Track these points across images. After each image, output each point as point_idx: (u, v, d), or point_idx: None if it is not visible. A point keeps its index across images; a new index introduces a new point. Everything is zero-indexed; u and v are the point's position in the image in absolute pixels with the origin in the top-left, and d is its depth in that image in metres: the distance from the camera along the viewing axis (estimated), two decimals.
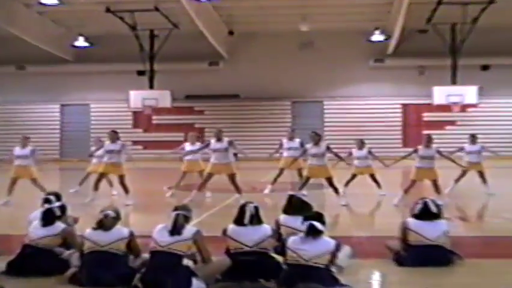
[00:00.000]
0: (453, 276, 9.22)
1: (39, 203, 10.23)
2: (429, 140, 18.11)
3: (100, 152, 19.65)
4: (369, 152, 19.77)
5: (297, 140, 20.88)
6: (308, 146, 18.23)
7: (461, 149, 20.17)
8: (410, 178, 17.91)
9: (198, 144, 20.55)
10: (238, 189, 18.11)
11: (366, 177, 19.58)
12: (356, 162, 19.61)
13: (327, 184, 17.90)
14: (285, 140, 21.06)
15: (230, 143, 18.63)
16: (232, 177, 18.29)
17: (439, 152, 17.88)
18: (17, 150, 18.83)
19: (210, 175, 18.36)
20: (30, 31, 37.10)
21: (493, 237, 13.09)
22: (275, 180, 20.54)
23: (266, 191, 20.02)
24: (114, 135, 18.92)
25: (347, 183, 19.12)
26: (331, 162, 18.29)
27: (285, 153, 20.71)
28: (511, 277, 9.20)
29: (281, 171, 20.71)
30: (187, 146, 20.57)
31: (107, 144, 18.78)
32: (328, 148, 18.09)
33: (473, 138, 20.54)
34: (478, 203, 18.64)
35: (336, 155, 18.41)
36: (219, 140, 18.47)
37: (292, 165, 20.16)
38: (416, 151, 17.92)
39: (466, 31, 35.59)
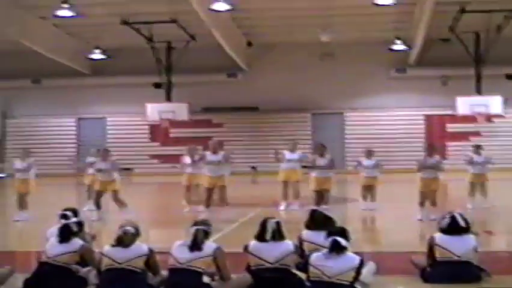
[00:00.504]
0: None
1: (55, 218, 10.24)
2: (431, 149, 18.23)
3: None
4: (377, 163, 19.77)
5: (298, 153, 20.76)
6: (313, 157, 18.35)
7: (471, 160, 19.93)
8: (419, 190, 17.80)
9: (197, 158, 20.64)
10: (223, 202, 18.21)
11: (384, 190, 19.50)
12: (364, 172, 19.57)
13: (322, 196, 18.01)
14: (286, 152, 20.77)
15: (225, 156, 18.85)
16: (221, 189, 18.46)
17: (438, 163, 17.85)
18: (17, 164, 18.91)
19: (210, 190, 18.47)
20: (45, 44, 37.30)
21: None
22: (285, 195, 20.32)
23: (281, 208, 19.80)
24: (106, 154, 18.99)
25: (364, 197, 19.11)
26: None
27: (284, 165, 20.52)
28: None
29: (285, 184, 20.45)
30: (187, 160, 20.63)
31: (98, 162, 18.82)
32: (331, 161, 18.24)
33: (477, 149, 20.35)
34: (505, 216, 18.51)
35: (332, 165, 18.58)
36: (214, 152, 18.58)
37: (294, 176, 20.21)
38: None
39: (490, 39, 35.50)
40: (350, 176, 18.49)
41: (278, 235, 9.10)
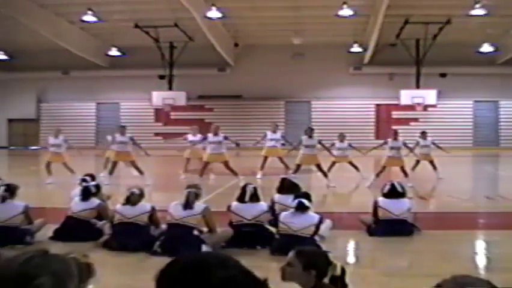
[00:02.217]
0: (413, 244, 9.29)
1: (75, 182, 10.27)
2: (396, 134, 18.33)
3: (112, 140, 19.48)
4: (349, 145, 19.74)
5: (279, 133, 20.64)
6: (303, 137, 18.26)
7: (417, 144, 19.98)
8: (381, 164, 18.04)
9: (198, 136, 20.53)
10: (234, 173, 18.14)
11: (345, 164, 19.52)
12: (336, 152, 19.50)
13: (317, 169, 17.93)
14: (269, 132, 20.64)
15: (225, 137, 18.69)
16: (226, 164, 18.34)
17: (405, 144, 18.08)
18: (51, 140, 18.88)
19: (207, 163, 18.38)
20: (73, 43, 37.19)
21: (445, 213, 13.17)
22: (262, 167, 20.02)
23: (258, 176, 19.47)
24: (123, 130, 18.91)
25: (329, 170, 19.13)
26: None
27: (268, 143, 20.34)
28: (457, 244, 9.30)
29: (265, 158, 20.17)
30: (190, 137, 20.54)
31: (118, 136, 18.69)
32: (319, 142, 18.18)
33: (423, 135, 20.42)
34: (432, 185, 18.65)
35: (324, 147, 18.50)
36: (215, 134, 18.50)
37: (274, 153, 20.10)
38: (385, 143, 18.12)
39: (427, 45, 35.65)
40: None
41: (255, 197, 9.19)
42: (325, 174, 17.73)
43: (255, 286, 1.77)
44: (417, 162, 19.82)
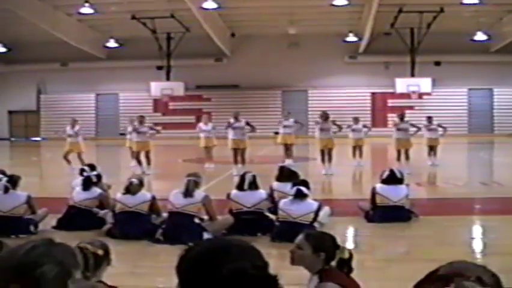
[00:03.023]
0: (411, 229, 9.31)
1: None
2: (403, 115, 18.47)
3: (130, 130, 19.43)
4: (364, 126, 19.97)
5: (291, 120, 20.25)
6: (319, 120, 18.25)
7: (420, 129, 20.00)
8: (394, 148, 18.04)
9: (210, 125, 20.33)
10: (244, 161, 18.02)
11: (339, 151, 19.41)
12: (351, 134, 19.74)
13: (328, 153, 17.75)
14: (283, 120, 20.39)
15: (247, 123, 18.51)
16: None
17: (412, 125, 18.19)
18: (69, 130, 18.85)
19: (235, 150, 18.08)
20: (71, 35, 37.06)
21: (441, 199, 13.20)
22: (286, 154, 19.59)
23: (289, 162, 19.22)
24: (143, 119, 18.90)
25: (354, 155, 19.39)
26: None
27: (281, 131, 19.96)
28: (454, 229, 9.34)
29: (285, 145, 19.80)
30: (202, 126, 20.35)
31: (137, 126, 18.64)
32: (333, 122, 18.14)
33: (429, 119, 20.46)
34: (428, 172, 18.65)
35: (339, 126, 18.33)
36: (237, 119, 18.36)
37: (288, 139, 19.73)
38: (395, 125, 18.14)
39: (422, 34, 35.58)
40: (311, 139, 18.42)
41: (254, 185, 9.19)
42: (330, 159, 17.62)
43: (264, 281, 1.77)
44: (430, 148, 19.79)
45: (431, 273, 1.74)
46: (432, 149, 19.79)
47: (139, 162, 18.30)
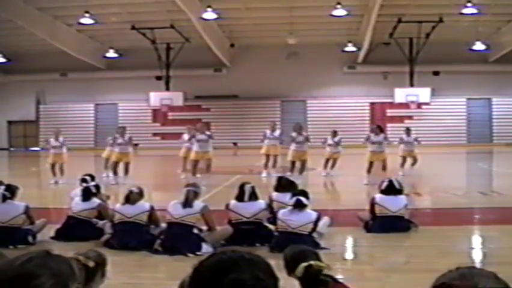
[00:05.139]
0: (410, 240, 9.28)
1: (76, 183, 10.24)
2: (379, 129, 18.35)
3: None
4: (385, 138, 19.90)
5: (278, 131, 20.35)
6: (293, 134, 18.29)
7: (401, 140, 19.97)
8: (366, 160, 17.91)
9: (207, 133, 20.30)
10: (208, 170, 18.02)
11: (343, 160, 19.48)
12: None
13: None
14: (268, 131, 20.38)
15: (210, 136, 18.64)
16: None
17: (386, 138, 18.04)
18: (52, 141, 18.72)
19: (195, 161, 18.24)
20: (71, 45, 37.10)
21: (440, 208, 13.17)
22: (266, 165, 19.84)
23: (264, 175, 19.24)
24: (123, 130, 18.81)
25: (325, 167, 19.13)
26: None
27: (267, 141, 20.01)
28: (454, 239, 9.28)
29: (267, 157, 19.93)
30: (185, 137, 20.36)
31: (118, 137, 18.54)
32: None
33: (408, 131, 20.39)
34: (427, 182, 18.65)
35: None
36: (202, 133, 18.42)
37: (273, 151, 19.83)
38: (368, 138, 18.05)
39: (421, 44, 35.69)
40: (310, 150, 18.43)
41: (253, 196, 9.17)
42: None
43: None
44: (404, 158, 19.75)
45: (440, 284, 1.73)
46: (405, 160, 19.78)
47: (116, 172, 18.22)
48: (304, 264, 4.12)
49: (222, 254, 1.89)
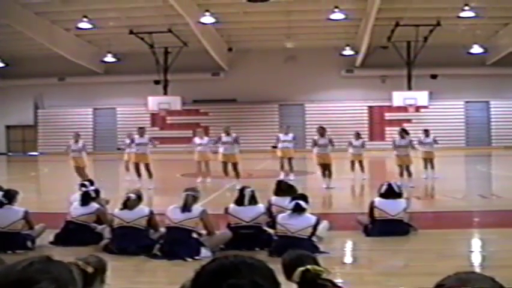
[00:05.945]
0: (409, 243, 9.29)
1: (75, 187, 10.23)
2: (405, 132, 18.28)
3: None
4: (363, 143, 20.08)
5: (291, 135, 20.33)
6: (315, 137, 18.23)
7: (420, 142, 19.99)
8: (395, 164, 17.96)
9: (205, 139, 20.39)
10: (238, 175, 17.99)
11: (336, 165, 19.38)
12: (351, 150, 19.87)
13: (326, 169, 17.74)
14: (281, 135, 20.46)
15: (235, 139, 18.54)
16: (234, 165, 18.21)
17: (411, 142, 17.98)
18: (72, 145, 18.71)
19: (224, 163, 18.19)
20: (69, 50, 37.15)
21: (440, 212, 13.17)
22: (282, 167, 19.79)
23: (291, 177, 18.40)
24: (143, 131, 18.90)
25: (352, 169, 19.47)
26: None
27: (280, 145, 20.03)
28: (453, 242, 9.28)
29: (281, 160, 19.98)
30: (197, 140, 20.39)
31: (137, 138, 18.67)
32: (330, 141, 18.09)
33: (426, 133, 20.44)
34: (426, 185, 18.63)
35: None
36: (227, 134, 18.45)
37: (287, 154, 19.80)
38: (394, 143, 18.02)
39: (419, 47, 35.73)
40: (308, 153, 18.42)
41: (253, 200, 9.16)
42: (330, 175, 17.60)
43: None
44: (425, 161, 19.76)
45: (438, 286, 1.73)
46: (428, 162, 19.79)
47: (139, 174, 18.30)
48: (302, 268, 4.11)
49: (224, 259, 1.89)
